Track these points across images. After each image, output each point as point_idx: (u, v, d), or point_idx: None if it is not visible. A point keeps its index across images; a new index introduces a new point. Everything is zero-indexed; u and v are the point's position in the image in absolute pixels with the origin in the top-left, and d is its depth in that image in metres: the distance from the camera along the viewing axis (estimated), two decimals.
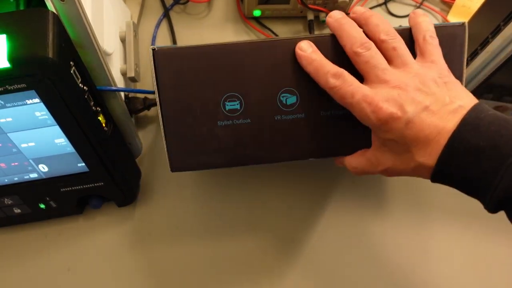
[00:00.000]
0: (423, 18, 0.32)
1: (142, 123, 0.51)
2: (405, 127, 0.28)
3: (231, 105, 0.33)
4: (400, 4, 0.60)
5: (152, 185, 0.47)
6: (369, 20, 0.31)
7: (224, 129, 0.33)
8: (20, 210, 0.41)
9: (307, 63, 0.31)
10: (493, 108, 0.47)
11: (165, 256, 0.44)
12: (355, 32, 0.30)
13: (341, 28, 0.31)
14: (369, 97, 0.28)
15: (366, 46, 0.30)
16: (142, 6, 0.58)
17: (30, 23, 0.28)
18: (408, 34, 0.32)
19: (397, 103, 0.28)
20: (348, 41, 0.30)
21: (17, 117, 0.31)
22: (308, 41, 0.31)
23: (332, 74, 0.30)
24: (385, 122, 0.28)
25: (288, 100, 0.33)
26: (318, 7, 0.54)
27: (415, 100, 0.28)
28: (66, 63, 0.29)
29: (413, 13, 0.32)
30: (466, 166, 0.27)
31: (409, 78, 0.29)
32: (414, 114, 0.28)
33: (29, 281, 0.43)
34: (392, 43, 0.30)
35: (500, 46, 0.39)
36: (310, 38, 0.32)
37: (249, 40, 0.32)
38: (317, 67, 0.31)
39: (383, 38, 0.30)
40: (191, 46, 0.31)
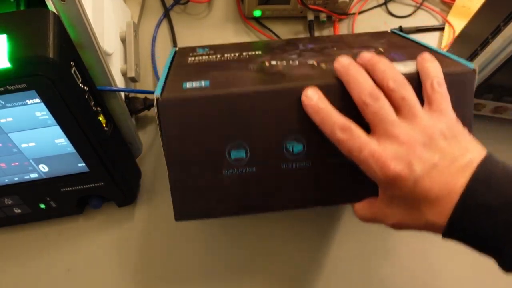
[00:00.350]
0: (431, 63, 0.31)
1: (142, 123, 0.51)
2: (414, 186, 0.27)
3: (236, 154, 0.32)
4: (400, 4, 0.60)
5: (152, 185, 0.47)
6: (376, 67, 0.30)
7: (229, 178, 0.32)
8: (20, 210, 0.41)
9: (313, 112, 0.30)
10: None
11: (165, 256, 0.44)
12: (363, 80, 0.29)
13: (348, 74, 0.30)
14: (377, 154, 0.27)
15: (375, 96, 0.29)
16: (142, 6, 0.58)
17: (31, 23, 0.28)
18: (416, 78, 0.31)
19: (405, 161, 0.27)
20: (356, 89, 0.29)
21: (17, 117, 0.31)
22: (314, 87, 0.30)
23: (339, 126, 0.29)
24: (393, 180, 0.27)
25: (295, 148, 0.32)
26: (318, 7, 0.54)
27: (424, 157, 0.27)
28: (66, 63, 0.29)
29: (420, 57, 0.32)
30: (479, 224, 0.26)
31: (418, 132, 0.28)
32: (423, 173, 0.27)
33: (29, 281, 0.43)
34: (400, 93, 0.29)
35: (500, 47, 0.39)
36: (317, 84, 0.31)
37: (254, 88, 0.31)
38: (323, 117, 0.29)
39: (391, 86, 0.29)
40: (195, 95, 0.31)
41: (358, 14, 0.59)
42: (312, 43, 0.41)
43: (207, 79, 0.32)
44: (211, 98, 0.31)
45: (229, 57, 0.38)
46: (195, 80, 0.32)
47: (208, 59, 0.38)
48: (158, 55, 0.55)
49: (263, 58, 0.37)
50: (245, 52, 0.39)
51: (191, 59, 0.38)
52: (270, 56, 0.37)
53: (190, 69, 0.35)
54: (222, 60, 0.37)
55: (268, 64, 0.35)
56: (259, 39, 0.57)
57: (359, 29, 0.58)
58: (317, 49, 0.39)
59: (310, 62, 0.35)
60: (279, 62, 0.35)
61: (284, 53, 0.38)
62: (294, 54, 0.37)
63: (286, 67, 0.34)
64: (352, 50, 0.37)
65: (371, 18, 0.59)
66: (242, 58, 0.37)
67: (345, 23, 0.59)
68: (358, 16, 0.59)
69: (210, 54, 0.39)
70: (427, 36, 0.58)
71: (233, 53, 0.39)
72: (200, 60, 0.38)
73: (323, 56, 0.36)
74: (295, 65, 0.34)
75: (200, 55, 0.39)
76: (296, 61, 0.35)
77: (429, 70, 0.30)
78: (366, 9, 0.60)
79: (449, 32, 0.58)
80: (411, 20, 0.59)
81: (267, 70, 0.34)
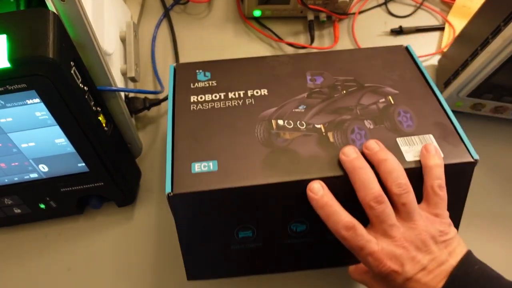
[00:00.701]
0: (435, 161, 0.32)
1: (142, 123, 0.51)
2: (403, 283, 0.30)
3: (244, 234, 0.34)
4: (400, 4, 0.60)
5: (152, 185, 0.47)
6: (381, 165, 0.32)
7: (236, 251, 0.35)
8: (20, 210, 0.41)
9: (318, 206, 0.31)
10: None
11: (165, 256, 0.44)
12: (369, 182, 0.31)
13: (355, 173, 0.31)
14: (375, 253, 0.30)
15: (379, 200, 0.31)
16: (142, 6, 0.58)
17: (31, 23, 0.28)
18: (419, 173, 0.33)
19: (399, 261, 0.30)
20: (362, 190, 0.31)
21: (17, 117, 0.31)
22: (319, 182, 0.32)
23: (343, 225, 0.30)
24: (386, 276, 0.30)
25: (298, 227, 0.34)
26: (318, 7, 0.54)
27: (415, 259, 0.30)
28: (66, 63, 0.29)
29: (425, 150, 0.33)
30: None
31: (413, 235, 0.31)
32: (412, 274, 0.30)
33: (29, 281, 0.43)
34: (403, 198, 0.31)
35: (500, 47, 0.39)
36: (322, 177, 0.32)
37: (261, 181, 0.32)
38: (328, 213, 0.31)
39: (395, 191, 0.31)
40: (205, 188, 0.32)
41: (358, 14, 0.59)
42: (320, 74, 0.40)
43: (215, 158, 0.33)
44: (220, 191, 0.32)
45: (233, 100, 0.38)
46: (203, 160, 0.33)
47: (212, 99, 0.38)
48: (158, 55, 0.55)
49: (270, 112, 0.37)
50: (250, 91, 0.38)
51: (194, 98, 0.38)
52: (276, 110, 0.37)
53: (194, 125, 0.36)
54: (227, 107, 0.37)
55: (275, 126, 0.36)
56: (259, 39, 0.57)
57: (359, 29, 0.58)
58: (326, 93, 0.38)
59: (317, 125, 0.35)
60: (287, 125, 0.36)
61: (291, 102, 0.38)
62: (301, 104, 0.37)
63: (293, 141, 0.35)
64: (362, 95, 0.38)
65: (371, 18, 0.59)
66: (247, 105, 0.37)
67: (345, 23, 0.59)
68: (358, 16, 0.59)
69: (213, 88, 0.39)
70: (427, 36, 0.58)
71: (237, 91, 0.39)
72: (203, 102, 0.38)
73: (331, 109, 0.37)
74: (303, 135, 0.35)
75: (202, 91, 0.39)
76: (303, 124, 0.36)
77: (432, 171, 0.32)
78: (366, 9, 0.60)
79: (449, 32, 0.58)
80: (411, 20, 0.59)
81: (275, 144, 0.35)
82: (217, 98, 0.38)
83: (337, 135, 0.35)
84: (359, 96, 0.38)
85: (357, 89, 0.38)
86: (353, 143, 0.34)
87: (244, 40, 0.57)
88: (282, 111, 0.37)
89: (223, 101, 0.38)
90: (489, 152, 0.50)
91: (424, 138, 0.34)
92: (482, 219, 0.47)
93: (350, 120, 0.36)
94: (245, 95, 0.38)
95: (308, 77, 0.40)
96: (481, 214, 0.47)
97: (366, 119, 0.36)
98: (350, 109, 0.37)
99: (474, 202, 0.47)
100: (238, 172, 0.33)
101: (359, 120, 0.36)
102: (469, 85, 0.44)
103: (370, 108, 0.37)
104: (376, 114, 0.36)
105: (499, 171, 0.49)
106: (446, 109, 0.37)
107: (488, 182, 0.49)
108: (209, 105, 0.38)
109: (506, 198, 0.48)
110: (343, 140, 0.34)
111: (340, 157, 0.32)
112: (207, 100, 0.38)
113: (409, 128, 0.35)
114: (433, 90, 0.38)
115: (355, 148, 0.32)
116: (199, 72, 0.40)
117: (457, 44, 0.50)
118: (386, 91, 0.38)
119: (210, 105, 0.37)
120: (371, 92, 0.38)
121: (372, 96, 0.38)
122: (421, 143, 0.34)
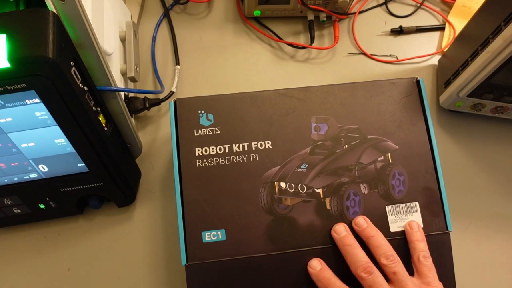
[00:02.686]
0: (417, 237, 0.37)
1: (142, 123, 0.51)
2: None
3: None
4: (400, 4, 0.60)
5: (152, 185, 0.47)
6: (369, 241, 0.36)
7: None
8: (20, 210, 0.41)
9: (317, 279, 0.36)
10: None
11: (164, 256, 0.44)
12: (358, 256, 0.35)
13: (345, 249, 0.36)
14: None
15: (369, 271, 0.34)
16: (142, 6, 0.58)
17: (30, 23, 0.28)
18: (403, 243, 0.38)
19: None
20: (352, 263, 0.35)
21: (17, 117, 0.31)
22: (318, 259, 0.37)
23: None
24: None
25: None
26: (318, 7, 0.54)
27: None
28: (66, 63, 0.29)
29: (409, 227, 0.38)
30: None
31: None
32: None
33: (29, 281, 0.43)
34: (392, 268, 0.35)
35: (500, 46, 0.39)
36: (318, 248, 0.37)
37: (264, 253, 0.37)
38: (326, 285, 0.35)
39: (384, 262, 0.35)
40: (215, 258, 0.37)
41: (358, 14, 0.59)
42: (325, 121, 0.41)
43: (223, 227, 0.38)
44: (228, 262, 0.37)
45: (238, 156, 0.39)
46: (213, 230, 0.37)
47: (216, 153, 0.39)
48: (158, 55, 0.55)
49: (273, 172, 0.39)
50: (254, 144, 0.40)
51: (198, 152, 0.39)
52: (279, 169, 0.39)
53: (201, 188, 0.38)
54: (232, 163, 0.39)
55: (277, 190, 0.39)
56: (259, 39, 0.57)
57: (359, 29, 0.58)
58: (328, 148, 0.40)
59: (317, 190, 0.39)
60: (289, 189, 0.39)
61: (294, 159, 0.40)
62: (303, 163, 0.39)
63: (293, 209, 0.38)
64: (363, 151, 0.40)
65: (371, 18, 0.59)
66: (252, 161, 0.39)
67: (345, 23, 0.59)
68: (358, 15, 0.59)
69: (217, 138, 0.40)
70: (427, 36, 0.58)
71: (242, 143, 0.40)
72: (208, 157, 0.39)
73: (331, 169, 0.40)
74: (302, 201, 0.39)
75: (206, 142, 0.39)
76: (304, 187, 0.39)
77: (416, 246, 0.37)
78: (366, 9, 0.60)
79: (449, 32, 0.58)
80: (411, 19, 0.59)
81: (277, 211, 0.38)
82: (222, 152, 0.39)
83: (334, 201, 0.39)
84: (359, 153, 0.40)
85: (359, 143, 0.40)
86: (347, 210, 0.38)
87: (244, 40, 0.57)
88: (285, 171, 0.39)
89: (228, 156, 0.39)
90: (489, 152, 0.50)
91: (411, 206, 0.39)
92: (482, 219, 0.47)
93: (348, 184, 0.39)
94: (249, 148, 0.40)
95: (313, 124, 0.41)
96: (481, 214, 0.47)
97: (362, 182, 0.39)
98: (349, 170, 0.40)
99: (474, 202, 0.48)
100: (243, 243, 0.37)
101: (355, 184, 0.39)
102: (469, 85, 0.44)
103: (368, 168, 0.40)
104: (373, 176, 0.40)
105: (499, 171, 0.49)
106: (438, 166, 0.40)
107: (488, 182, 0.48)
108: (214, 161, 0.39)
109: (506, 198, 0.48)
110: (339, 208, 0.39)
111: (332, 234, 0.37)
112: (212, 154, 0.39)
113: (400, 194, 0.39)
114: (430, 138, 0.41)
115: (345, 225, 0.37)
116: (201, 114, 0.40)
117: (458, 44, 0.50)
118: (387, 146, 0.40)
119: (215, 161, 0.39)
120: (372, 148, 0.40)
121: (372, 153, 0.40)
122: (407, 212, 0.39)
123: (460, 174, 0.49)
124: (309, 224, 0.38)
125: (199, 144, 0.39)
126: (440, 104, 0.51)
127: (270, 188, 0.39)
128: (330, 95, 0.41)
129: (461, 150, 0.50)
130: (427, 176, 0.40)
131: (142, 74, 0.51)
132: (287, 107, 0.41)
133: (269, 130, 0.40)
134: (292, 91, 0.41)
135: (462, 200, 0.47)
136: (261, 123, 0.40)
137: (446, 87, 0.49)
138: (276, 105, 0.41)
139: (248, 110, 0.41)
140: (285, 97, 0.41)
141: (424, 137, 0.41)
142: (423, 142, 0.40)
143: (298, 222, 0.38)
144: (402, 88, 0.42)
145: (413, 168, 0.40)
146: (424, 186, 0.40)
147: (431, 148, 0.40)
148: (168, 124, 0.51)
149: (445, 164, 0.46)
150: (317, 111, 0.41)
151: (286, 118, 0.40)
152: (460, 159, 0.50)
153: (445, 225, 0.39)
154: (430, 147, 0.40)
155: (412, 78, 0.42)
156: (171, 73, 0.54)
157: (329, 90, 0.42)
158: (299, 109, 0.41)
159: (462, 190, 0.48)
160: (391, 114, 0.41)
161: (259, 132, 0.40)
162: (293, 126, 0.40)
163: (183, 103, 0.40)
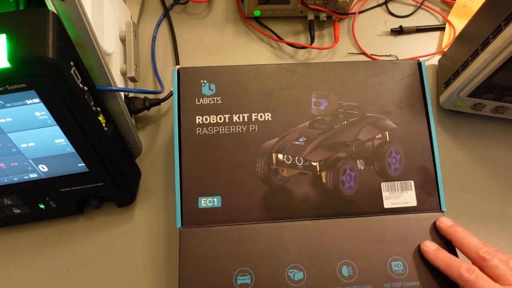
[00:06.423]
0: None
1: (142, 123, 0.51)
2: None
3: (242, 279, 0.35)
4: (400, 4, 0.60)
5: (152, 185, 0.47)
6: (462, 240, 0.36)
7: None
8: (20, 210, 0.41)
9: (435, 258, 0.36)
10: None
11: (164, 256, 0.44)
12: (451, 261, 0.35)
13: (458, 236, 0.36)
14: None
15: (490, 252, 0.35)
16: (142, 6, 0.58)
17: (30, 23, 0.28)
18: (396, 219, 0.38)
19: None
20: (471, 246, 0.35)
21: (17, 117, 0.31)
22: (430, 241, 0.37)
23: (465, 268, 0.34)
24: None
25: (296, 275, 0.36)
26: (318, 7, 0.54)
27: None
28: (66, 63, 0.29)
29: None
30: None
31: None
32: None
33: (29, 281, 0.43)
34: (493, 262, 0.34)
35: (501, 46, 0.39)
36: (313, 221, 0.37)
37: (259, 223, 0.37)
38: (447, 263, 0.35)
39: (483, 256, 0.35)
40: (211, 225, 0.36)
41: (358, 13, 0.59)
42: (325, 96, 0.41)
43: (219, 193, 0.38)
44: (222, 230, 0.36)
45: (237, 126, 0.39)
46: (209, 196, 0.37)
47: (217, 122, 0.39)
48: (158, 55, 0.55)
49: (271, 143, 0.39)
50: (254, 115, 0.40)
51: (199, 120, 0.39)
52: (277, 141, 0.39)
53: (200, 154, 0.39)
54: (232, 133, 0.39)
55: (275, 161, 0.39)
56: (259, 38, 0.57)
57: (359, 29, 0.58)
58: (327, 123, 0.40)
59: (314, 163, 0.39)
60: (286, 161, 0.39)
61: (292, 132, 0.40)
62: (302, 136, 0.39)
63: (289, 180, 0.38)
64: (361, 128, 0.40)
65: (371, 18, 0.59)
66: (251, 132, 0.39)
67: (345, 23, 0.59)
68: (358, 15, 0.59)
69: (218, 107, 0.40)
70: (427, 36, 0.58)
71: (242, 113, 0.40)
72: (208, 125, 0.39)
73: (329, 144, 0.40)
74: (299, 173, 0.39)
75: (207, 111, 0.40)
76: (301, 160, 0.39)
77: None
78: (366, 8, 0.60)
79: (449, 32, 0.58)
80: (412, 19, 0.59)
81: (273, 181, 0.38)
82: (222, 121, 0.39)
83: (330, 175, 0.39)
84: (357, 130, 0.40)
85: (358, 120, 0.40)
86: (342, 184, 0.38)
87: (244, 40, 0.57)
88: (283, 143, 0.39)
89: (228, 125, 0.39)
90: (489, 152, 0.50)
91: (406, 184, 0.39)
92: (483, 219, 0.46)
93: (344, 159, 0.39)
94: (249, 119, 0.40)
95: (313, 99, 0.41)
96: (482, 214, 0.47)
97: (359, 158, 0.39)
98: (347, 145, 0.39)
99: (474, 202, 0.47)
100: (239, 211, 0.37)
101: (352, 159, 0.39)
102: (469, 85, 0.44)
103: (366, 145, 0.40)
104: (370, 153, 0.40)
105: (500, 171, 0.49)
106: (434, 147, 0.40)
107: (489, 182, 0.48)
108: (214, 129, 0.39)
109: (506, 198, 0.48)
110: (334, 182, 0.39)
111: (437, 224, 0.37)
112: (212, 123, 0.39)
113: (395, 172, 0.39)
114: (429, 119, 0.41)
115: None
116: (203, 83, 0.40)
117: (458, 44, 0.50)
118: (385, 124, 0.40)
119: (215, 130, 0.39)
120: (370, 125, 0.40)
121: (370, 130, 0.40)
122: (401, 190, 0.39)
123: (461, 174, 0.49)
124: (304, 196, 0.38)
125: (200, 112, 0.39)
126: (440, 104, 0.51)
127: (268, 159, 0.39)
128: (331, 72, 0.41)
129: (461, 150, 0.50)
130: (423, 156, 0.40)
131: (142, 74, 0.51)
132: (289, 81, 0.41)
133: (270, 102, 0.40)
134: (294, 66, 0.41)
135: (462, 199, 0.47)
136: (262, 96, 0.40)
137: (446, 87, 0.49)
138: (278, 79, 0.41)
139: (250, 82, 0.41)
140: (287, 72, 0.41)
141: (423, 118, 0.41)
142: (421, 122, 0.41)
143: (294, 194, 0.38)
144: (404, 68, 0.42)
145: (410, 148, 0.40)
146: (420, 165, 0.40)
147: (428, 129, 0.40)
148: (168, 125, 0.51)
149: (445, 164, 0.46)
150: (318, 87, 0.41)
151: (287, 92, 0.40)
152: (461, 159, 0.50)
153: (439, 205, 0.39)
154: (428, 128, 0.41)
155: (414, 60, 0.43)
156: (171, 73, 0.54)
157: (331, 67, 0.42)
158: (300, 84, 0.41)
159: (463, 189, 0.48)
160: (391, 94, 0.41)
161: (259, 104, 0.40)
162: (293, 100, 0.40)
163: (187, 72, 0.41)
